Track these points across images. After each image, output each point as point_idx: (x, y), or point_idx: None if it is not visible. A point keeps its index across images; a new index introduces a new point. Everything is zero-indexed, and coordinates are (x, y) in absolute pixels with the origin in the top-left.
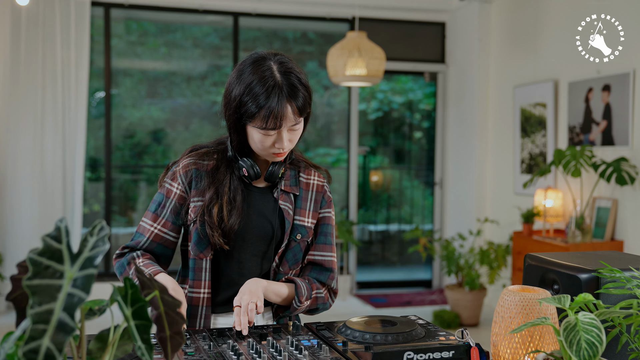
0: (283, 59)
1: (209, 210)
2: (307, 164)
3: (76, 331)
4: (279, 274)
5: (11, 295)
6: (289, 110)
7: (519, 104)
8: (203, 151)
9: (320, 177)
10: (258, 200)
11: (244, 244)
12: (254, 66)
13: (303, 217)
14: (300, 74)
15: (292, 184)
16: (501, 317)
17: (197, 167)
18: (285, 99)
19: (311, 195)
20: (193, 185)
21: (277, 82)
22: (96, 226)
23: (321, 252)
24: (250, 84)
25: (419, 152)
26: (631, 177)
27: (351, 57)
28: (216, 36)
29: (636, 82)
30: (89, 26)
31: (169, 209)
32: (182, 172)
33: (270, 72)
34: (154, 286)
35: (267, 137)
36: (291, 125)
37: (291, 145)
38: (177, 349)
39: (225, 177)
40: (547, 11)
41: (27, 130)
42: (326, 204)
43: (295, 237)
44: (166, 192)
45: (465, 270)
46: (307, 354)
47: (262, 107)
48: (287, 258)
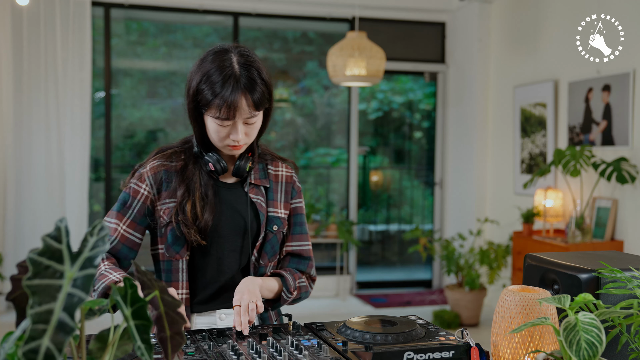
0: (245, 51)
1: (182, 208)
2: (273, 157)
3: (76, 331)
4: (260, 267)
5: (11, 295)
6: (244, 102)
7: (519, 104)
8: (170, 152)
9: (288, 168)
10: (229, 196)
11: (221, 240)
12: (214, 56)
13: (276, 208)
14: (261, 68)
15: (262, 177)
16: (501, 317)
17: (165, 168)
18: (240, 90)
19: (281, 187)
20: (163, 187)
21: (235, 73)
22: (96, 226)
23: (299, 242)
24: (208, 72)
25: (419, 152)
26: (632, 176)
27: (351, 57)
28: (216, 36)
29: (636, 82)
30: (90, 26)
31: (135, 209)
32: (151, 174)
33: (230, 63)
34: (154, 286)
35: (222, 127)
36: (246, 118)
37: (248, 139)
38: (177, 349)
39: (194, 174)
40: (547, 11)
41: (29, 130)
42: (297, 194)
43: (272, 228)
44: (132, 192)
45: (465, 270)
46: (307, 354)
47: (216, 95)
48: (265, 250)
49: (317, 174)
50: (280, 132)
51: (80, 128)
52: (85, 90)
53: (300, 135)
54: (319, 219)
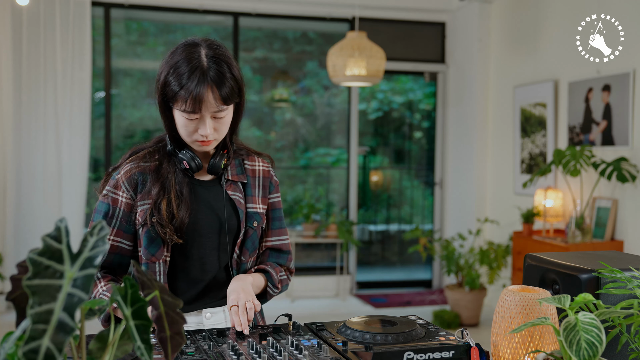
0: (215, 45)
1: (157, 208)
2: (249, 151)
3: (76, 331)
4: (242, 264)
5: (11, 295)
6: (210, 96)
7: (519, 104)
8: (143, 153)
9: (265, 162)
10: (205, 193)
11: (201, 239)
12: (184, 48)
13: (255, 204)
14: (231, 63)
15: (239, 172)
16: (501, 317)
17: (140, 170)
18: (207, 83)
19: (258, 182)
20: (139, 189)
21: (202, 65)
22: (96, 226)
23: (278, 237)
24: (176, 63)
25: (419, 152)
26: (632, 175)
27: (351, 57)
28: (216, 36)
29: (636, 82)
30: (90, 26)
31: (118, 217)
32: (125, 179)
33: (198, 55)
34: (154, 286)
35: (189, 121)
36: (214, 112)
37: (217, 134)
38: (177, 349)
39: (169, 172)
40: (547, 11)
41: (29, 130)
42: (274, 189)
43: (252, 224)
44: (112, 201)
45: (465, 270)
46: (307, 354)
47: (182, 87)
48: (246, 247)
49: (317, 174)
50: (280, 132)
51: (80, 128)
52: (85, 90)
53: (300, 135)
54: (319, 219)
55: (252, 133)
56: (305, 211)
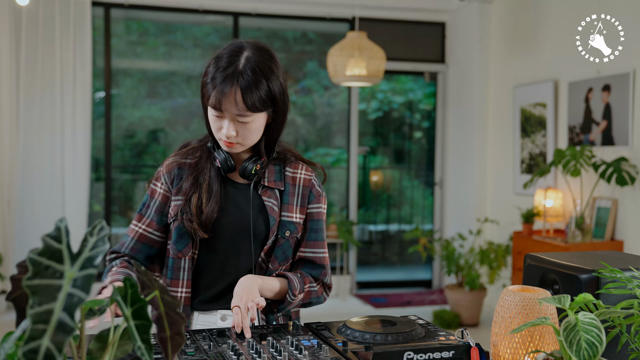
0: (262, 51)
1: (188, 200)
2: (296, 158)
3: (76, 331)
4: (269, 272)
5: (11, 295)
6: (233, 98)
7: (519, 104)
8: (187, 149)
9: (309, 170)
10: (236, 195)
11: (228, 241)
12: (232, 46)
13: (291, 212)
14: (270, 73)
15: (277, 179)
16: (501, 317)
17: (179, 165)
18: (233, 85)
19: (298, 190)
20: (175, 184)
21: (237, 66)
22: (96, 226)
23: (312, 249)
24: (218, 57)
25: (419, 152)
26: (631, 177)
27: (351, 57)
28: (216, 36)
29: (636, 82)
30: (91, 26)
31: (153, 208)
32: (165, 172)
33: (239, 56)
34: (154, 286)
35: (215, 118)
36: (236, 115)
37: (242, 139)
38: (177, 349)
39: (205, 167)
40: (547, 11)
41: (29, 130)
42: (315, 199)
43: (284, 234)
44: (150, 192)
45: (465, 270)
46: (307, 354)
47: (212, 80)
48: (276, 255)
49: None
50: None
51: (80, 128)
52: (86, 90)
53: (300, 135)
54: None
55: None
56: None
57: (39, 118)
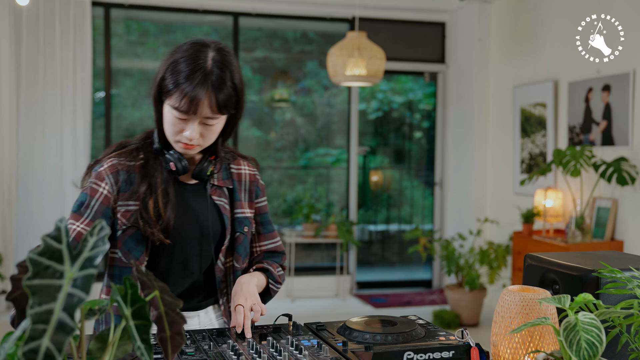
0: (225, 50)
1: (145, 206)
2: (234, 154)
3: (76, 331)
4: (237, 271)
5: (11, 295)
6: (207, 101)
7: (519, 104)
8: (129, 149)
9: (250, 166)
10: (190, 197)
11: (184, 243)
12: (192, 46)
13: (243, 208)
14: (235, 72)
15: (225, 177)
16: (501, 317)
17: (124, 168)
18: (207, 87)
19: (245, 186)
20: (122, 188)
21: (206, 67)
22: (96, 226)
23: (271, 240)
24: (180, 59)
25: (419, 152)
26: (631, 177)
27: (351, 57)
28: (216, 36)
29: (636, 82)
30: (91, 26)
31: (94, 208)
32: (110, 173)
33: (205, 56)
34: (154, 286)
35: (178, 120)
36: (205, 118)
37: (203, 141)
38: (177, 349)
39: (155, 170)
40: (547, 11)
41: (29, 130)
42: (261, 193)
43: (243, 230)
44: (91, 191)
45: (465, 270)
46: (307, 354)
47: (181, 84)
48: (239, 252)
49: (317, 174)
50: (280, 132)
51: (80, 128)
52: (86, 90)
53: (300, 135)
54: (319, 219)
55: (252, 133)
56: (305, 211)
57: (39, 118)
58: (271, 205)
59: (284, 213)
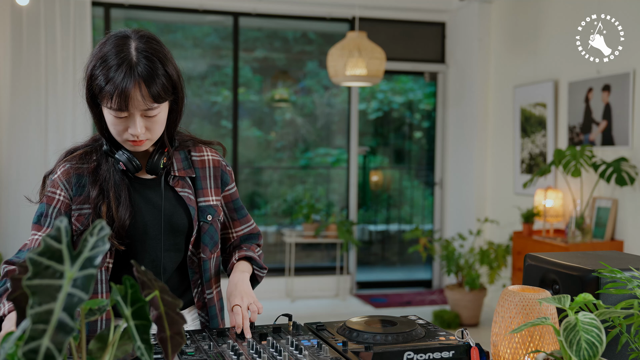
0: (148, 37)
1: (97, 212)
2: (195, 142)
3: (76, 331)
4: (205, 262)
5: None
6: (138, 93)
7: (519, 104)
8: (79, 153)
9: (213, 151)
10: (150, 193)
11: (151, 241)
12: (114, 40)
13: (207, 196)
14: (164, 58)
15: (186, 167)
16: (501, 317)
17: (76, 172)
18: (134, 79)
19: (209, 172)
20: (75, 192)
21: (130, 59)
22: (96, 226)
23: (246, 225)
24: (104, 55)
25: (419, 152)
26: (631, 178)
27: (351, 57)
28: (216, 36)
29: (636, 82)
30: (91, 26)
31: (52, 216)
32: (64, 179)
33: (127, 48)
34: (154, 286)
35: (118, 120)
36: (144, 110)
37: (150, 134)
38: (177, 349)
39: (107, 173)
40: (547, 11)
41: (29, 130)
42: (229, 179)
43: (206, 218)
44: (47, 199)
45: (465, 270)
46: (307, 354)
47: (108, 81)
48: (205, 242)
49: (317, 174)
50: (280, 132)
51: (80, 128)
52: None
53: (300, 135)
54: (319, 219)
55: (252, 133)
56: (305, 211)
57: (38, 118)
58: (271, 205)
59: (284, 213)
